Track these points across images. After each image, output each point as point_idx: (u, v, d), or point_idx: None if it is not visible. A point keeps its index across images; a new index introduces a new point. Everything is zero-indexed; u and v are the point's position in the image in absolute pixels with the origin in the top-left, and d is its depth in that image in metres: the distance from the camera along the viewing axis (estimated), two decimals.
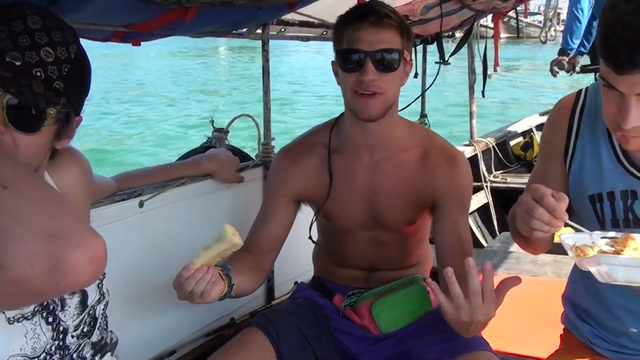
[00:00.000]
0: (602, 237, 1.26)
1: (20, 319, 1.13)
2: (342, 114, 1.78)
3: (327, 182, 1.75)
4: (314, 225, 1.88)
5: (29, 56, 1.04)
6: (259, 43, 2.41)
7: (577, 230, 1.28)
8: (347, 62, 1.59)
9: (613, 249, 1.23)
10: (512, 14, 3.12)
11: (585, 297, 1.52)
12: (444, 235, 1.69)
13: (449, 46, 3.52)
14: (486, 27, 4.33)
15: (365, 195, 1.73)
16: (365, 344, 1.76)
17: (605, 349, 1.49)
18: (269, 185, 1.86)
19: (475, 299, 1.26)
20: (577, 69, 5.12)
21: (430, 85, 2.41)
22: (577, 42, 5.06)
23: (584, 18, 4.97)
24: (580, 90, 1.48)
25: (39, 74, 1.05)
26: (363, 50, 1.56)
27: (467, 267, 1.26)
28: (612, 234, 1.29)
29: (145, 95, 15.19)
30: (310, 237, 1.88)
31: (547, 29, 7.71)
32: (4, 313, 1.10)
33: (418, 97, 3.46)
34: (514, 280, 1.31)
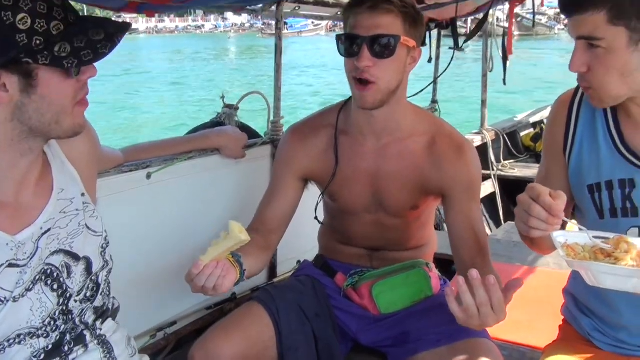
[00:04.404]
0: (595, 237, 1.23)
1: (24, 293, 1.15)
2: (350, 97, 1.77)
3: (333, 163, 1.75)
4: (320, 204, 1.89)
5: None
6: (263, 43, 2.39)
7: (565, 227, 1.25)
8: (344, 48, 1.59)
9: (607, 246, 1.20)
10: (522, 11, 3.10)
11: (585, 291, 1.52)
12: (457, 224, 1.68)
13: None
14: (498, 25, 4.30)
15: (369, 179, 1.73)
16: (364, 323, 1.78)
17: (604, 342, 1.50)
18: (277, 163, 1.87)
19: (484, 309, 1.27)
20: None
21: (443, 72, 2.38)
22: None
23: None
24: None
25: None
26: (359, 35, 1.55)
27: (470, 280, 1.25)
28: (605, 234, 1.26)
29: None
30: (316, 218, 1.89)
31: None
32: (10, 292, 1.12)
33: (430, 84, 3.43)
34: (517, 283, 1.30)
